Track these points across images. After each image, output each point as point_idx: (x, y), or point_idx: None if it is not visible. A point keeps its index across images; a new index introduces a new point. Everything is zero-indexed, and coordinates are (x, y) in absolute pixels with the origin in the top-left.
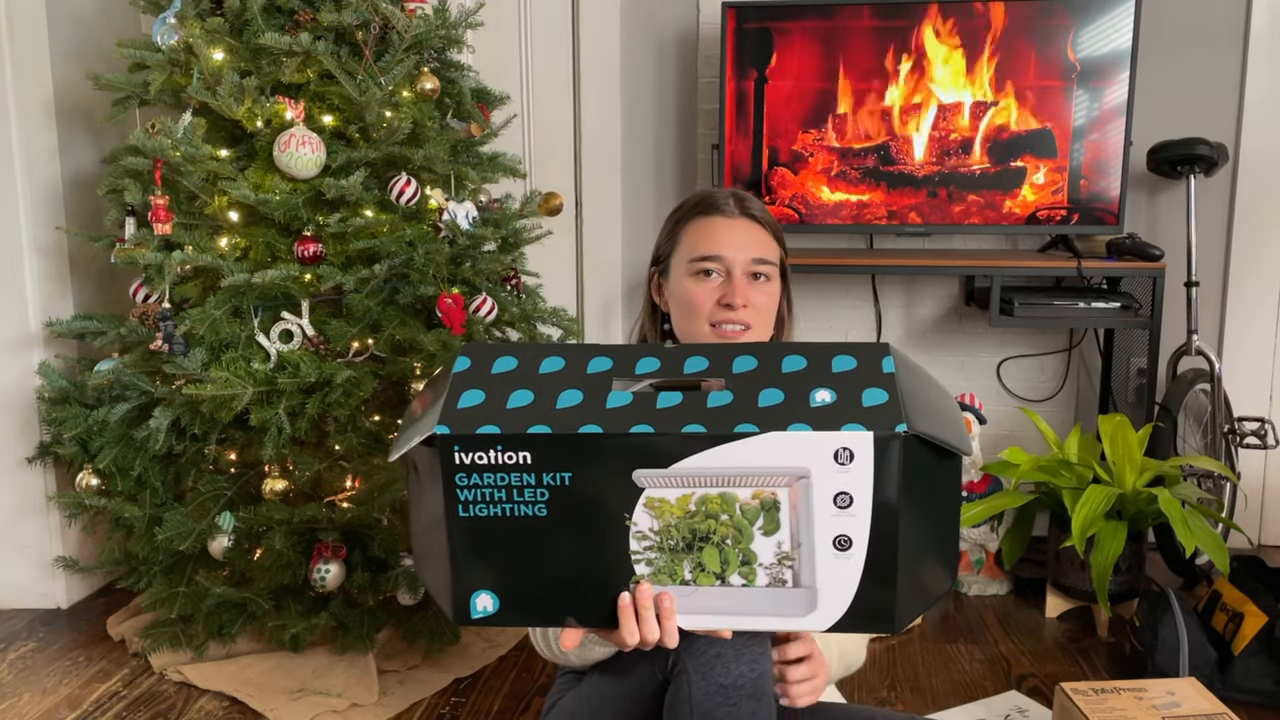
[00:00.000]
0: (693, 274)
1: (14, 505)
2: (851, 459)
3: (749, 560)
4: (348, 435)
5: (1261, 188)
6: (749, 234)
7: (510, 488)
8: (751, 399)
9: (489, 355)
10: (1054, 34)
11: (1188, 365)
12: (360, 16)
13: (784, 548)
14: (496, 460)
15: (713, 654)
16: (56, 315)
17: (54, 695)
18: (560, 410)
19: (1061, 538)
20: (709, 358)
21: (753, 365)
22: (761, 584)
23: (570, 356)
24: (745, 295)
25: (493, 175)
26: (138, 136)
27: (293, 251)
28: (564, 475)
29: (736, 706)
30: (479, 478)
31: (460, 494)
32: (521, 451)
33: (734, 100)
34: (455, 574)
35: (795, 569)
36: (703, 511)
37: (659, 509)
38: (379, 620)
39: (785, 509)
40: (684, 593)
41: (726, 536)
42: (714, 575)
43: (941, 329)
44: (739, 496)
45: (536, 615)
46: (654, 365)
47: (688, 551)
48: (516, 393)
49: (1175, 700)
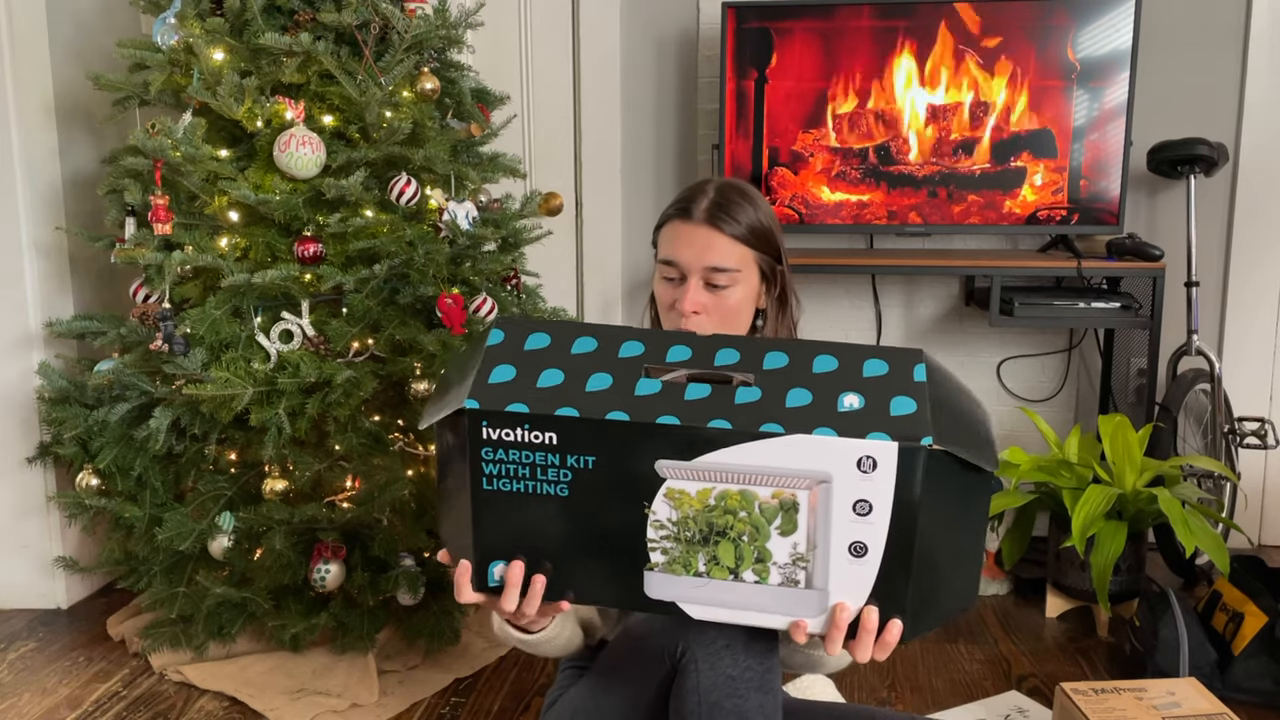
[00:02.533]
0: (661, 274)
1: (14, 505)
2: (874, 467)
3: (763, 558)
4: (348, 435)
5: (1261, 188)
6: (708, 241)
7: (535, 466)
8: (779, 398)
9: (523, 330)
10: (1054, 34)
11: (1188, 365)
12: (360, 16)
13: (799, 549)
14: (523, 438)
15: (722, 644)
16: (56, 315)
17: (54, 695)
18: (589, 394)
19: (1061, 538)
20: (740, 350)
21: (783, 363)
22: (774, 582)
23: (603, 338)
24: (695, 301)
25: (493, 175)
26: (138, 136)
27: (293, 251)
28: (588, 459)
29: (744, 699)
30: (504, 454)
31: (485, 467)
32: (548, 432)
33: (734, 100)
34: (475, 541)
35: (809, 571)
36: (722, 506)
37: (678, 500)
38: (379, 620)
39: (804, 511)
40: (696, 584)
41: (743, 533)
42: (727, 570)
43: (941, 329)
44: (759, 495)
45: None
46: (685, 354)
47: (703, 544)
48: (547, 372)
49: (1175, 700)
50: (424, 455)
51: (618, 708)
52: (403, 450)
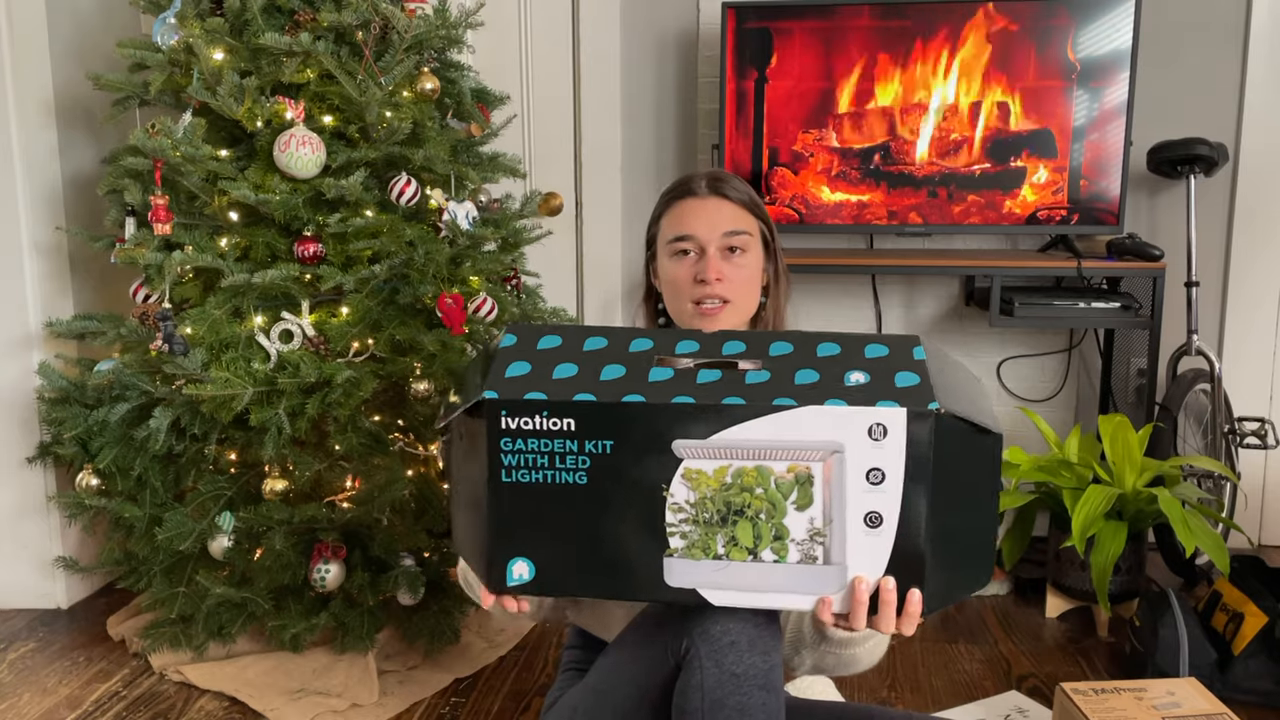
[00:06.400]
0: (671, 255)
1: (14, 505)
2: (885, 434)
3: (781, 536)
4: (348, 435)
5: (1261, 188)
6: (720, 210)
7: (553, 454)
8: (788, 378)
9: (535, 333)
10: (1054, 34)
11: (1188, 365)
12: (360, 17)
13: (816, 523)
14: (541, 426)
15: (727, 642)
16: (56, 315)
17: (54, 695)
18: (604, 381)
19: (1061, 538)
20: (746, 342)
21: (788, 350)
22: (793, 560)
23: (612, 337)
24: (718, 269)
25: (493, 175)
26: (138, 136)
27: (293, 251)
28: (605, 444)
29: (748, 696)
30: (523, 443)
31: (504, 459)
32: (566, 418)
33: (734, 100)
34: (494, 540)
35: (826, 545)
36: (738, 484)
37: (696, 480)
38: (379, 620)
39: (819, 484)
40: (716, 567)
41: (760, 511)
42: (746, 550)
43: (941, 329)
44: (774, 470)
45: (572, 584)
46: (693, 347)
47: (722, 525)
48: (561, 366)
49: (1175, 700)
50: (424, 455)
51: (620, 705)
52: (403, 450)
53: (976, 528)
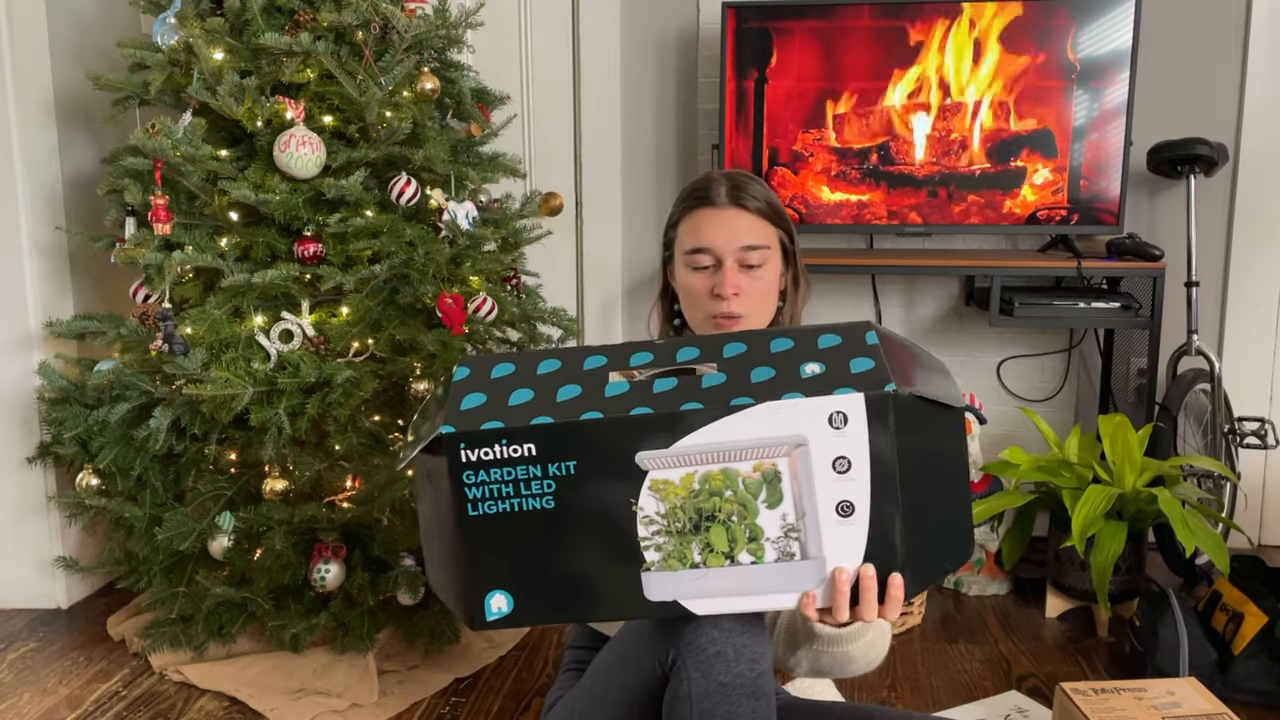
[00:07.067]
0: (689, 265)
1: (14, 505)
2: (846, 421)
3: (755, 536)
4: (348, 435)
5: (1261, 188)
6: (737, 222)
7: (517, 481)
8: (744, 377)
9: (487, 363)
10: (1054, 34)
11: (1188, 365)
12: (360, 16)
13: (789, 519)
14: (502, 454)
15: (713, 651)
16: (56, 315)
17: (54, 695)
18: (561, 402)
19: (1061, 538)
20: (699, 347)
21: (742, 350)
22: (770, 559)
23: (566, 357)
24: (735, 284)
25: (493, 175)
26: (138, 136)
27: (293, 251)
28: (568, 465)
29: (736, 705)
30: (486, 474)
31: (469, 492)
32: (526, 444)
33: (734, 100)
34: (468, 577)
35: (802, 540)
36: (706, 489)
37: (664, 491)
38: (379, 620)
39: (786, 479)
40: (695, 576)
41: (732, 513)
42: (723, 555)
43: (941, 329)
44: (740, 470)
45: (552, 611)
46: (647, 358)
47: (695, 533)
48: (517, 391)
49: (1175, 700)
50: None
51: (612, 711)
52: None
53: (949, 504)
